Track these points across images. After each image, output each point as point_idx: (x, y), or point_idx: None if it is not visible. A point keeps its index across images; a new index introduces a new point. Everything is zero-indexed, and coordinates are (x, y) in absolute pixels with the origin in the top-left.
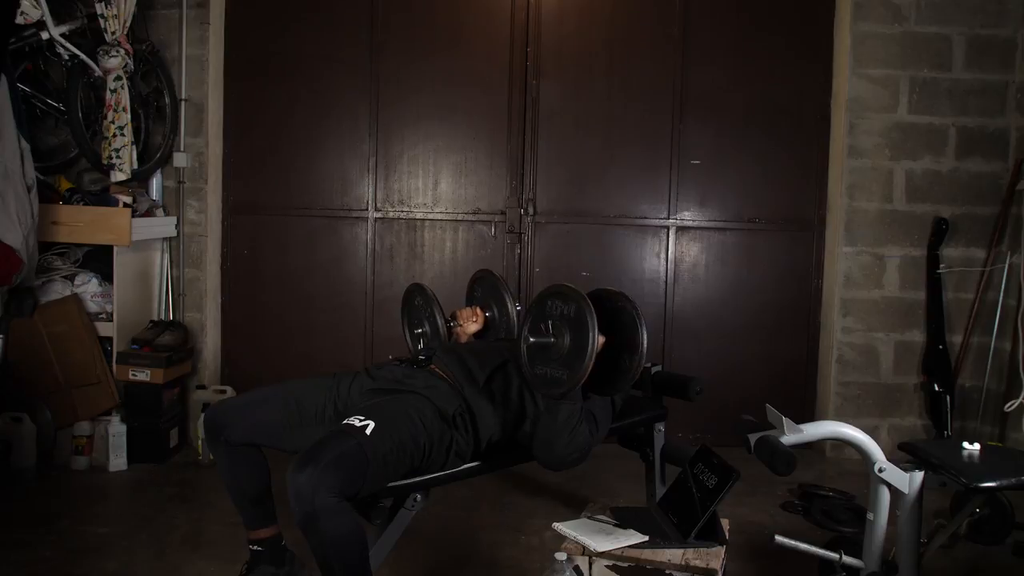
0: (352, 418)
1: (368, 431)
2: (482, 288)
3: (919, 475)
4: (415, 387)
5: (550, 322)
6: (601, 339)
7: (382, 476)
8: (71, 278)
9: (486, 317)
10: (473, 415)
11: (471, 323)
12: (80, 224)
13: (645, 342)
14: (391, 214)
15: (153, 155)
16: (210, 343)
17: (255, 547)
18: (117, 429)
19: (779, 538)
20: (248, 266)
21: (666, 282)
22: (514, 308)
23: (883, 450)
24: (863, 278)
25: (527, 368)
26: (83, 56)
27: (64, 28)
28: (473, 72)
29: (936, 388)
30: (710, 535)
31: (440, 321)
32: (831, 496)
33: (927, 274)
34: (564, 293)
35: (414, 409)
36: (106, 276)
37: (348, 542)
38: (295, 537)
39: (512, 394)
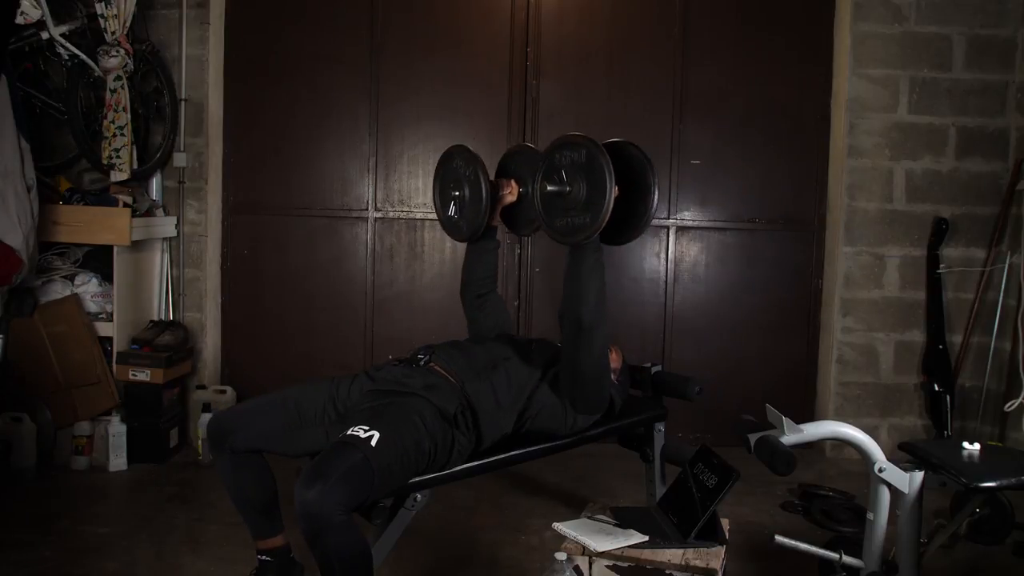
0: (356, 428)
1: (373, 442)
2: (516, 162)
3: (919, 475)
4: (414, 387)
5: (563, 171)
6: (615, 191)
7: (388, 485)
8: (71, 278)
9: (520, 192)
10: (475, 412)
11: (508, 195)
12: (80, 224)
13: (656, 183)
14: (391, 214)
15: (153, 155)
16: (210, 343)
17: (263, 557)
18: (117, 429)
19: (779, 538)
20: (248, 266)
21: (666, 282)
22: None
23: (883, 450)
24: (863, 278)
25: (546, 222)
26: (83, 56)
27: (64, 28)
28: (473, 72)
29: (936, 388)
30: (710, 535)
31: (484, 184)
32: (831, 496)
33: (927, 274)
34: (573, 141)
35: (416, 413)
36: (106, 276)
37: (355, 559)
38: (300, 541)
39: (514, 391)
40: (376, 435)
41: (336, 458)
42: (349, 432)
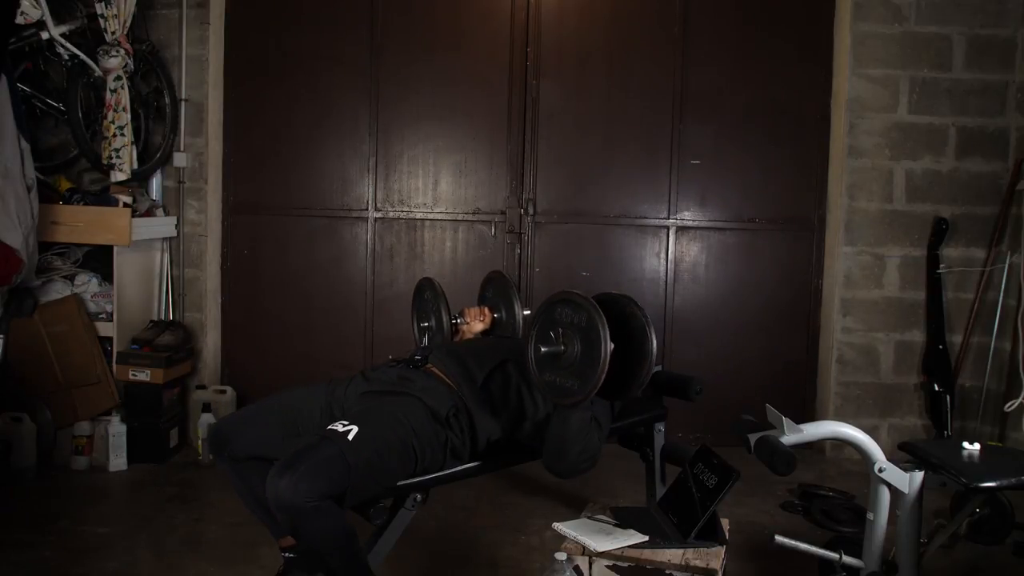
0: (336, 423)
1: (350, 436)
2: (493, 289)
3: (919, 475)
4: (411, 389)
5: (560, 329)
6: (611, 346)
7: (370, 480)
8: (71, 278)
9: (494, 318)
10: (470, 414)
11: (478, 322)
12: (80, 224)
13: (654, 350)
14: (391, 214)
15: (153, 155)
16: (210, 343)
17: (287, 554)
18: (117, 429)
19: (779, 538)
20: (248, 266)
21: (666, 282)
22: (521, 312)
23: (883, 450)
24: (863, 278)
25: (536, 375)
26: (83, 56)
27: (64, 28)
28: (473, 72)
29: (936, 388)
30: (710, 535)
31: (445, 318)
32: (831, 496)
33: (927, 274)
34: (574, 301)
35: (402, 412)
36: (106, 276)
37: (336, 539)
38: None
39: (511, 393)
40: (355, 430)
41: (309, 451)
42: (328, 427)
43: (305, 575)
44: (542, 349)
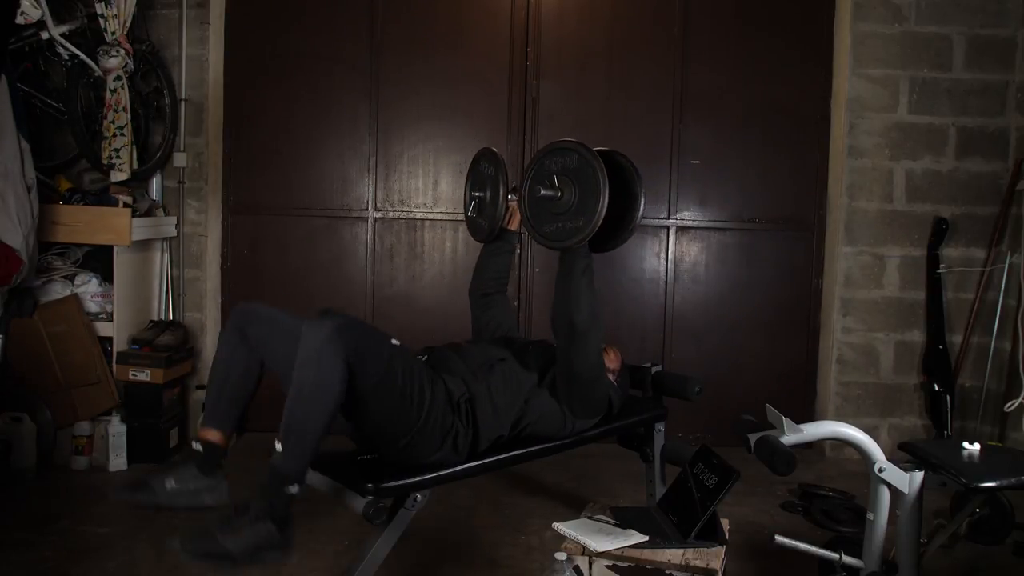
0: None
1: (394, 341)
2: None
3: (919, 475)
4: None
5: (554, 176)
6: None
7: (388, 378)
8: (71, 278)
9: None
10: (474, 411)
11: (517, 215)
12: (80, 224)
13: (643, 193)
14: (391, 214)
15: (153, 155)
16: (210, 343)
17: (197, 446)
18: (117, 429)
19: (779, 538)
20: (248, 266)
21: (666, 282)
22: (505, 193)
23: (883, 450)
24: (863, 278)
25: (534, 227)
26: (83, 56)
27: (64, 28)
28: (473, 72)
29: (936, 388)
30: (710, 535)
31: (502, 191)
32: (831, 496)
33: (927, 274)
34: (563, 148)
35: (428, 377)
36: (106, 276)
37: (325, 393)
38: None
39: (511, 391)
40: (399, 344)
41: (362, 323)
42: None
43: (197, 473)
44: (541, 192)
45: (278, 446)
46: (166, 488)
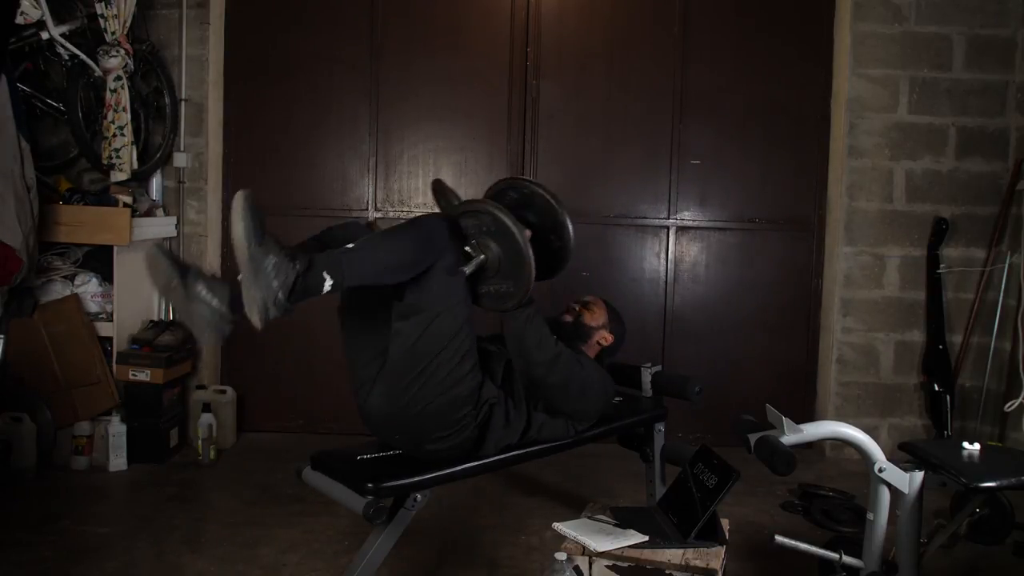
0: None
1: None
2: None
3: (919, 475)
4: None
5: (473, 241)
6: (528, 232)
7: (452, 319)
8: (71, 278)
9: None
10: (491, 414)
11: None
12: (80, 224)
13: (566, 214)
14: (391, 214)
15: (153, 155)
16: None
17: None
18: (117, 429)
19: (779, 538)
20: None
21: (666, 282)
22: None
23: (883, 450)
24: (863, 278)
25: (472, 293)
26: (83, 56)
27: (64, 28)
28: (473, 72)
29: (936, 388)
30: (710, 535)
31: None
32: (831, 496)
33: (927, 274)
34: (470, 211)
35: (477, 364)
36: (106, 276)
37: (405, 253)
38: None
39: (522, 408)
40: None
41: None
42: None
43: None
44: (467, 271)
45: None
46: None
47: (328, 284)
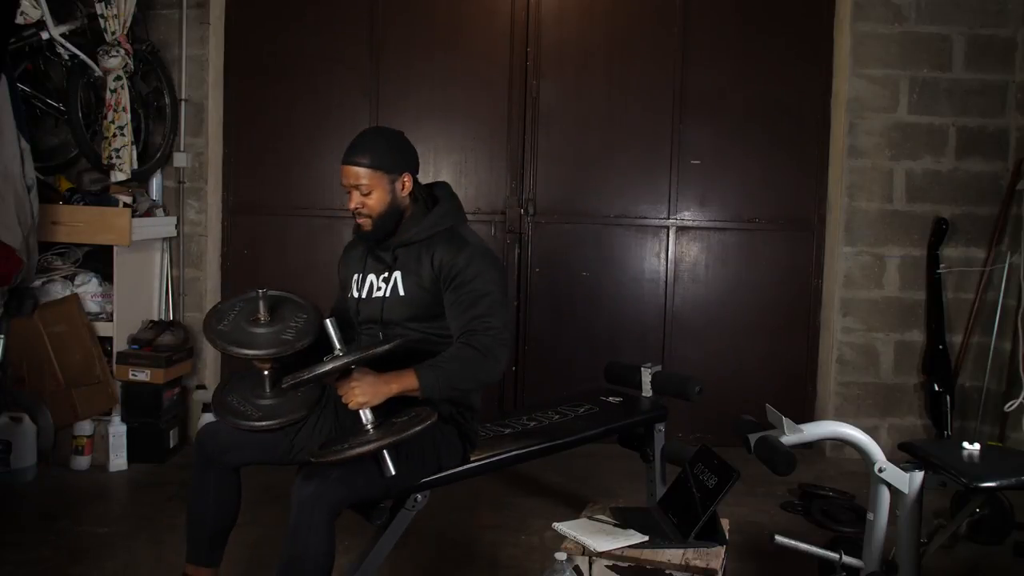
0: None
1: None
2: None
3: (919, 475)
4: None
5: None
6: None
7: (393, 483)
8: (71, 278)
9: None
10: (468, 420)
11: None
12: (80, 224)
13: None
14: None
15: (153, 155)
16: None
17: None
18: (117, 429)
19: (779, 538)
20: (248, 266)
21: (666, 282)
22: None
23: (883, 450)
24: (863, 278)
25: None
26: (83, 56)
27: (64, 28)
28: (473, 72)
29: (936, 388)
30: (710, 535)
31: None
32: (831, 496)
33: (927, 274)
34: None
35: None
36: (106, 276)
37: (316, 565)
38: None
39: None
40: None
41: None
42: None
43: None
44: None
45: None
46: None
47: None
